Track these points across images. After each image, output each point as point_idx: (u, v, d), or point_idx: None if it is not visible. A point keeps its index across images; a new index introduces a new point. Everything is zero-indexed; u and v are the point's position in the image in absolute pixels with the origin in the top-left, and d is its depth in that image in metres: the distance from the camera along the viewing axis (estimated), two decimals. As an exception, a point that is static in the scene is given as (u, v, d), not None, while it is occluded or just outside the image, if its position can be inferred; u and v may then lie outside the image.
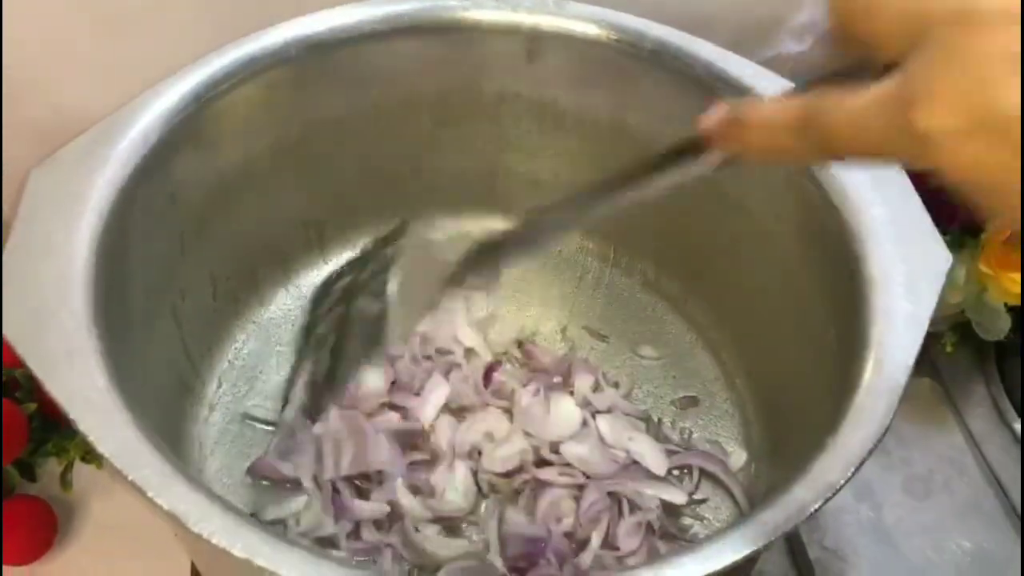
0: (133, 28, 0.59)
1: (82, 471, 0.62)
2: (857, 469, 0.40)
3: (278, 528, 0.55)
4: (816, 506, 0.39)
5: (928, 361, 0.70)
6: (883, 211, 0.50)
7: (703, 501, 0.58)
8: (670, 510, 0.57)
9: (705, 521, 0.57)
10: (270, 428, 0.59)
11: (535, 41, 0.59)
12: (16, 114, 0.59)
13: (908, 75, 0.26)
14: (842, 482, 0.40)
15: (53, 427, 0.62)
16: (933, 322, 0.66)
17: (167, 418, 0.55)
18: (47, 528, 0.60)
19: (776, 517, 0.39)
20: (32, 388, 0.61)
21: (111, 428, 0.40)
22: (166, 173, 0.52)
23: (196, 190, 0.55)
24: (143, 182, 0.49)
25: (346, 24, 0.57)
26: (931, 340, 0.67)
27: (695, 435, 0.61)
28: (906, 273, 0.47)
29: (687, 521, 0.57)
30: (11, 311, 0.42)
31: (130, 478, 0.38)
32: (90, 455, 0.62)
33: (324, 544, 0.54)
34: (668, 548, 0.55)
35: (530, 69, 0.61)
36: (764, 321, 0.61)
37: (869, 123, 0.27)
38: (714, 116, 0.33)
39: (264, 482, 0.57)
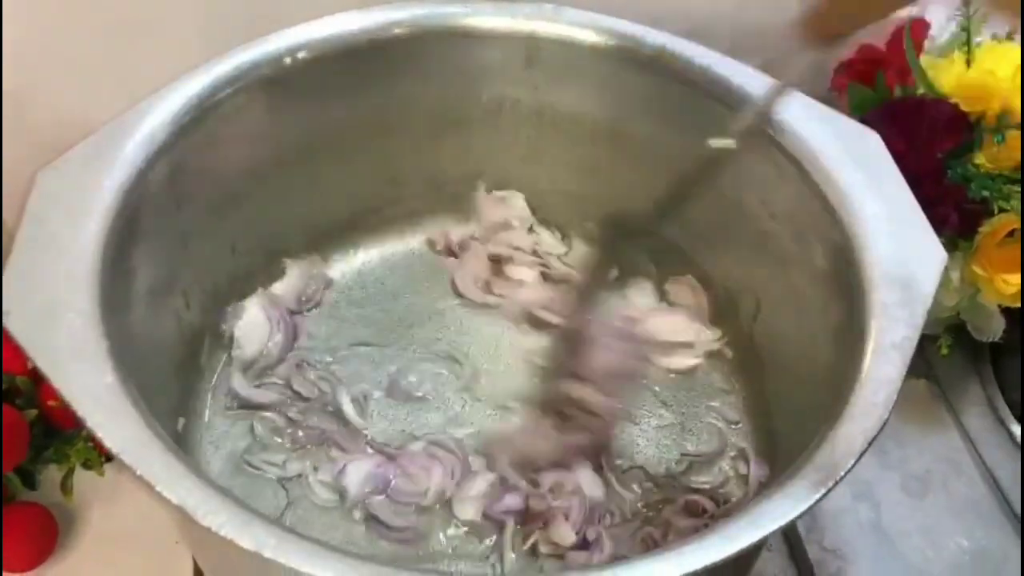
0: (136, 36, 0.59)
1: (83, 478, 0.62)
2: (857, 460, 0.41)
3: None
4: (817, 497, 0.40)
5: (924, 363, 0.70)
6: (878, 209, 0.50)
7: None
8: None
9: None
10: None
11: (534, 47, 0.60)
12: (19, 120, 0.60)
13: None
14: (842, 473, 0.40)
15: (54, 434, 0.62)
16: (928, 325, 0.66)
17: (171, 415, 0.55)
18: (48, 535, 0.59)
19: (777, 509, 0.40)
20: (33, 394, 0.62)
21: (119, 424, 0.40)
22: (171, 176, 0.52)
23: (200, 193, 0.56)
24: (148, 184, 0.50)
25: (347, 30, 0.57)
26: (927, 342, 0.68)
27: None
28: (902, 269, 0.48)
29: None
30: (18, 309, 0.42)
31: (138, 473, 0.39)
32: (91, 462, 0.62)
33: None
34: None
35: (529, 75, 0.61)
36: (762, 318, 0.61)
37: None
38: None
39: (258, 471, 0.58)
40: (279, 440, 0.59)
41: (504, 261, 0.69)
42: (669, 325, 0.65)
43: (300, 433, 0.59)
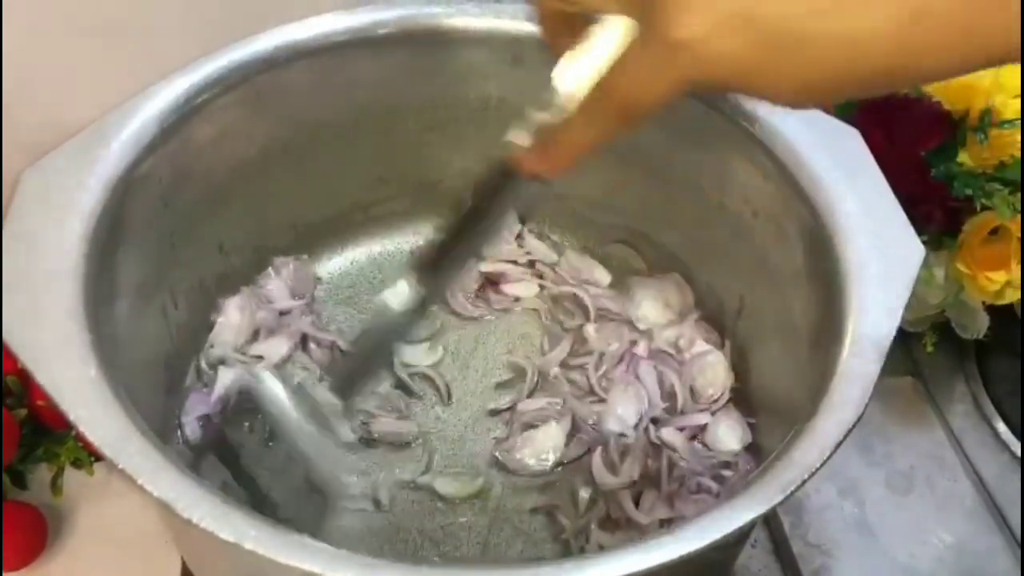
0: (123, 36, 0.60)
1: (72, 477, 0.62)
2: (834, 451, 0.41)
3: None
4: (793, 488, 0.40)
5: (910, 361, 0.71)
6: (856, 205, 0.51)
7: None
8: None
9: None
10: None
11: (519, 47, 0.60)
12: (8, 122, 0.60)
13: (658, 10, 0.30)
14: (819, 464, 0.41)
15: (44, 433, 0.62)
16: (914, 323, 0.67)
17: (155, 411, 0.55)
18: (37, 534, 0.60)
19: (753, 500, 0.40)
20: (23, 394, 0.62)
21: (101, 417, 0.40)
22: (157, 175, 0.53)
23: (186, 191, 0.56)
24: (134, 183, 0.50)
25: (333, 31, 0.58)
26: (912, 340, 0.69)
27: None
28: (880, 265, 0.48)
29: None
30: (3, 305, 0.43)
31: (120, 465, 0.39)
32: (80, 461, 0.62)
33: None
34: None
35: (514, 74, 0.62)
36: (746, 315, 0.62)
37: (641, 66, 0.32)
38: (529, 154, 0.39)
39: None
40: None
41: (498, 277, 0.69)
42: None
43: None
